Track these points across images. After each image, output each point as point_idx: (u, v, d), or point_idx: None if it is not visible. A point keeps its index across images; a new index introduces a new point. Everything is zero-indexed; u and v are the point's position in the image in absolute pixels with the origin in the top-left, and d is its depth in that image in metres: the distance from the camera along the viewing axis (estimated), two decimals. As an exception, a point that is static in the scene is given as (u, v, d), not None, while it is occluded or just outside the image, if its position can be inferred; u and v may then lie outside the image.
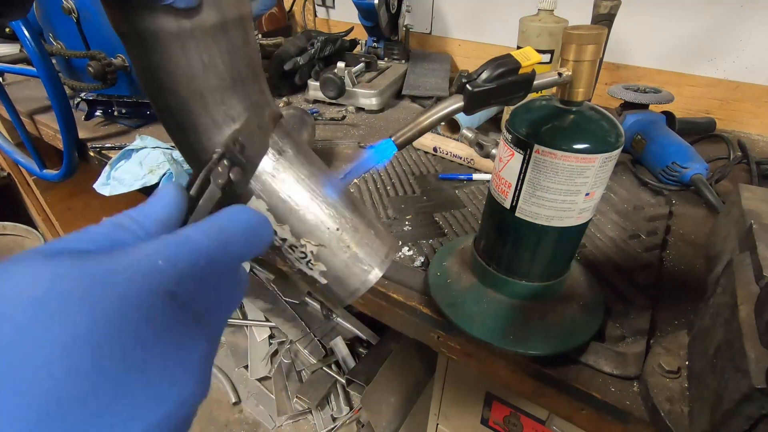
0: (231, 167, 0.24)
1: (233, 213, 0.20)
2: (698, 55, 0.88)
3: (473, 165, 0.73)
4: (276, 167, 0.26)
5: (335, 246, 0.27)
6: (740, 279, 0.34)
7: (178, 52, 0.22)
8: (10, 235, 1.19)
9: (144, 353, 0.14)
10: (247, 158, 0.25)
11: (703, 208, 0.63)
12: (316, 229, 0.27)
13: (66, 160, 0.79)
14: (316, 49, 0.99)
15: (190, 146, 0.26)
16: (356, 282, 0.28)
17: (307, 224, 0.27)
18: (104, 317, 0.13)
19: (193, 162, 0.27)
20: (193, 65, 0.23)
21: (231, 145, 0.24)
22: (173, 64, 0.23)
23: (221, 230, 0.18)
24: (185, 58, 0.23)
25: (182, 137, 0.26)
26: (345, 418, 1.25)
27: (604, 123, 0.35)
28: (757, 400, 0.26)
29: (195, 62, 0.23)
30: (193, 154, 0.26)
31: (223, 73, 0.24)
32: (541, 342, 0.40)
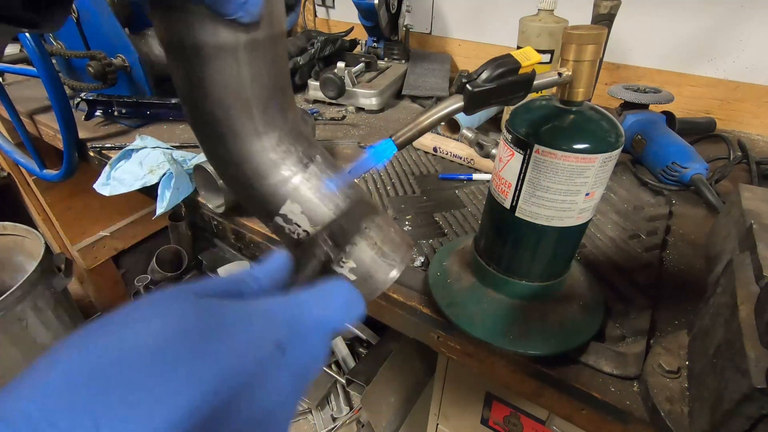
0: (330, 246, 0.26)
1: (336, 287, 0.23)
2: (698, 55, 0.88)
3: (473, 165, 0.73)
4: (306, 176, 0.27)
5: (364, 244, 0.28)
6: (740, 279, 0.34)
7: (231, 63, 0.23)
8: (10, 235, 1.19)
9: (249, 379, 0.17)
10: (344, 240, 0.27)
11: (703, 208, 0.63)
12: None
13: (66, 160, 0.79)
14: (316, 49, 0.99)
15: (228, 155, 0.27)
16: (382, 277, 0.29)
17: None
18: (233, 353, 0.17)
19: (224, 169, 0.28)
20: (242, 76, 0.24)
21: (334, 227, 0.27)
22: (225, 75, 0.24)
23: (327, 300, 0.22)
24: (237, 69, 0.24)
25: (221, 147, 0.26)
26: (345, 418, 1.25)
27: (604, 123, 0.35)
28: (757, 400, 0.26)
29: (245, 73, 0.24)
30: (230, 162, 0.27)
31: (267, 83, 0.25)
32: (541, 342, 0.40)
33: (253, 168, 0.26)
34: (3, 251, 1.20)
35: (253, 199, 0.28)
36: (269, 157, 0.26)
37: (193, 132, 0.27)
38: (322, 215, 0.27)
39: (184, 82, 0.25)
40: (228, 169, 0.28)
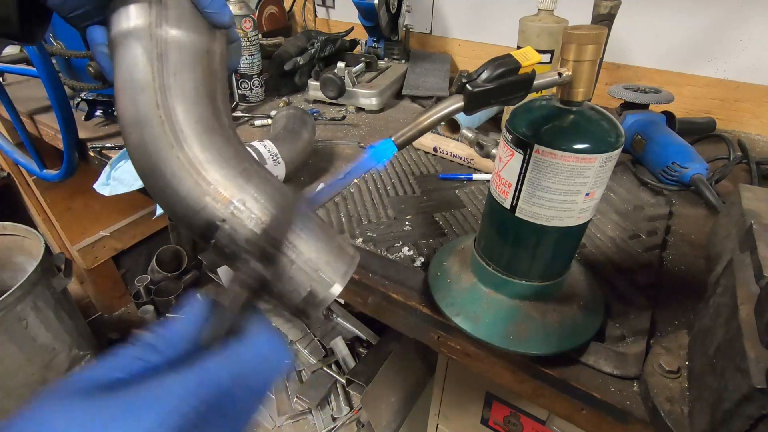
0: (261, 267, 0.25)
1: (254, 346, 0.22)
2: (698, 55, 0.88)
3: (473, 165, 0.73)
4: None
5: (295, 259, 0.27)
6: (740, 279, 0.34)
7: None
8: (10, 235, 1.19)
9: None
10: (272, 259, 0.25)
11: (703, 208, 0.63)
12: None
13: (66, 160, 0.79)
14: (316, 49, 0.99)
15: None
16: (321, 294, 0.28)
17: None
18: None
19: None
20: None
21: (260, 243, 0.25)
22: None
23: (240, 367, 0.21)
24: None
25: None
26: (345, 418, 1.25)
27: (604, 123, 0.35)
28: (757, 400, 0.26)
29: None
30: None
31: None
32: (541, 342, 0.40)
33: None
34: (3, 251, 1.20)
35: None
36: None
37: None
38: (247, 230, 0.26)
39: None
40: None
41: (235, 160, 0.28)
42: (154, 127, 0.26)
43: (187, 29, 0.27)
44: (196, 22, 0.27)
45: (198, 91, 0.27)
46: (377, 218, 0.60)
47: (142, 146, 0.26)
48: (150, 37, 0.26)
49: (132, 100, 0.26)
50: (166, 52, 0.26)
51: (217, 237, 0.27)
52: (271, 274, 0.25)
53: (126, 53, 0.26)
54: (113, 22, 0.26)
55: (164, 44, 0.26)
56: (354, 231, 0.57)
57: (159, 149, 0.26)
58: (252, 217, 0.26)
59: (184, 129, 0.26)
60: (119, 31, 0.26)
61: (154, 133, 0.26)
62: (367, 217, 0.60)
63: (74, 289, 1.50)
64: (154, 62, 0.26)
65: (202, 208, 0.26)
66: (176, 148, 0.26)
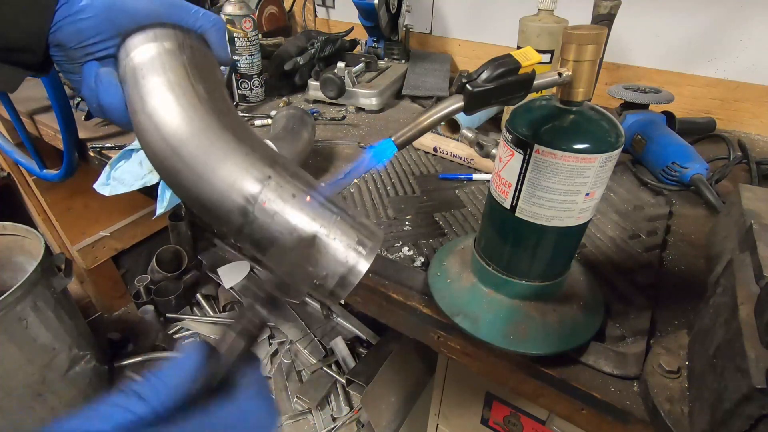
0: (265, 313, 0.25)
1: (243, 408, 0.21)
2: (698, 55, 0.88)
3: (473, 165, 0.73)
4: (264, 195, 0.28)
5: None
6: (740, 279, 0.34)
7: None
8: (10, 235, 1.19)
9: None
10: (286, 297, 0.26)
11: (703, 208, 0.63)
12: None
13: (66, 160, 0.79)
14: (316, 49, 0.99)
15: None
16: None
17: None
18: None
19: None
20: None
21: (272, 288, 0.25)
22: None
23: (224, 429, 0.20)
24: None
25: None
26: (345, 418, 1.25)
27: (604, 123, 0.35)
28: (757, 400, 0.26)
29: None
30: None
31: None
32: (541, 342, 0.40)
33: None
34: (3, 251, 1.20)
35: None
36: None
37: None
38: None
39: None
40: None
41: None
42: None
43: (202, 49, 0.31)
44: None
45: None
46: (377, 218, 0.60)
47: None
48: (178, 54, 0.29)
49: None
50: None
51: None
52: (274, 318, 0.25)
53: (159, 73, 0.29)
54: (134, 51, 0.28)
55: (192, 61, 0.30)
56: (354, 231, 0.57)
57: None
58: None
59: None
60: (148, 57, 0.28)
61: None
62: (367, 217, 0.60)
63: (74, 289, 1.50)
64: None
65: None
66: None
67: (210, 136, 0.28)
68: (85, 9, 0.27)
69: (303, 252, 0.28)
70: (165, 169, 0.28)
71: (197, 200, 0.28)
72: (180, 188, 0.28)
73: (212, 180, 0.27)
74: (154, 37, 0.29)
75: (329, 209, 0.29)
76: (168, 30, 0.30)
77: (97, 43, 0.28)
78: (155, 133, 0.27)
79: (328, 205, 0.29)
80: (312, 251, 0.28)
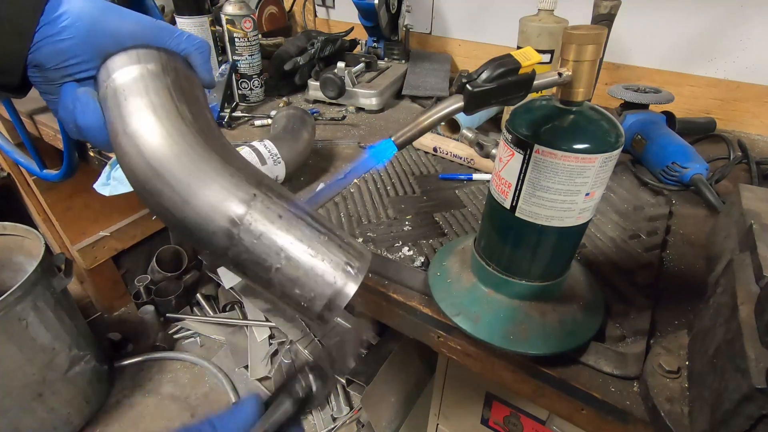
0: (313, 380, 0.27)
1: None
2: (698, 55, 0.88)
3: (473, 165, 0.73)
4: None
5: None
6: (740, 279, 0.34)
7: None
8: (10, 235, 1.19)
9: None
10: (333, 371, 0.27)
11: (703, 208, 0.63)
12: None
13: (66, 160, 0.79)
14: (316, 49, 0.99)
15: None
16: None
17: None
18: None
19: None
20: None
21: (321, 359, 0.27)
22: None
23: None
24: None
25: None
26: (345, 418, 1.25)
27: (604, 123, 0.35)
28: (757, 400, 0.26)
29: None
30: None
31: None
32: (541, 342, 0.40)
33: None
34: (3, 251, 1.20)
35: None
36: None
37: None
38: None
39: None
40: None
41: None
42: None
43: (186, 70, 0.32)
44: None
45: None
46: (377, 218, 0.60)
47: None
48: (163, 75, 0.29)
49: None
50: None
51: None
52: (319, 389, 0.27)
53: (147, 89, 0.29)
54: (117, 72, 0.28)
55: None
56: (354, 231, 0.57)
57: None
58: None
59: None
60: (131, 78, 0.28)
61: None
62: (367, 217, 0.60)
63: (74, 289, 1.50)
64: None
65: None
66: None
67: (194, 157, 0.27)
68: (66, 29, 0.26)
69: (288, 274, 0.27)
70: (146, 192, 0.27)
71: (180, 223, 0.27)
72: (162, 211, 0.28)
73: (196, 201, 0.26)
74: (137, 58, 0.28)
75: (317, 229, 0.29)
76: (152, 51, 0.29)
77: (77, 64, 0.27)
78: (136, 155, 0.27)
79: (316, 225, 0.29)
80: (298, 273, 0.27)
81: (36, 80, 0.28)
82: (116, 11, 0.28)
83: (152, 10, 0.77)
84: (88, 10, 0.27)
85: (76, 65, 0.27)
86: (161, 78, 0.29)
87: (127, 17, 0.29)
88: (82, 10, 0.27)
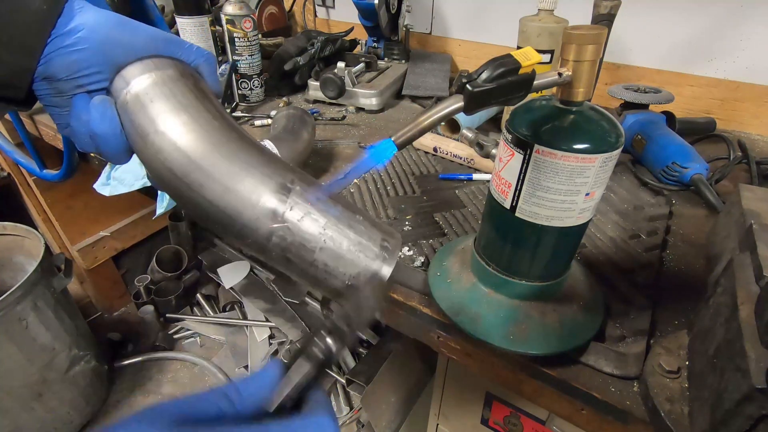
0: (331, 342, 0.27)
1: (309, 426, 0.25)
2: (698, 55, 0.88)
3: (473, 165, 0.73)
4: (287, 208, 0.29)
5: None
6: (740, 279, 0.34)
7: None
8: (10, 235, 1.19)
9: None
10: (350, 330, 0.28)
11: (703, 208, 0.63)
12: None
13: (66, 160, 0.79)
14: (316, 49, 0.99)
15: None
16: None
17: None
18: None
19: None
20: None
21: (339, 320, 0.27)
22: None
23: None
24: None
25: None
26: (345, 418, 1.25)
27: (604, 123, 0.35)
28: (757, 400, 0.26)
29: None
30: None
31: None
32: (541, 342, 0.40)
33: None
34: (3, 251, 1.20)
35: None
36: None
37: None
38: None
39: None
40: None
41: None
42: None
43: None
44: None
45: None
46: (377, 218, 0.60)
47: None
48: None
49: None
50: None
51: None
52: (341, 348, 0.27)
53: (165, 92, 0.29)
54: (135, 79, 0.28)
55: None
56: (354, 231, 0.57)
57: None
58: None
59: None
60: (148, 84, 0.28)
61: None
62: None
63: (74, 289, 1.50)
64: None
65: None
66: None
67: (232, 148, 0.28)
68: (79, 41, 0.26)
69: (333, 251, 0.29)
70: (186, 186, 0.28)
71: (222, 212, 0.28)
72: (202, 203, 0.28)
73: (239, 188, 0.27)
74: (154, 66, 0.29)
75: (351, 210, 0.30)
76: (166, 60, 0.30)
77: (90, 74, 0.27)
78: (173, 151, 0.27)
79: (348, 207, 0.30)
80: (342, 251, 0.29)
81: (44, 93, 0.28)
82: (130, 24, 0.29)
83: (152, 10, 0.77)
84: (103, 22, 0.27)
85: (89, 76, 0.27)
86: (183, 81, 0.29)
87: (140, 30, 0.29)
88: (97, 22, 0.27)
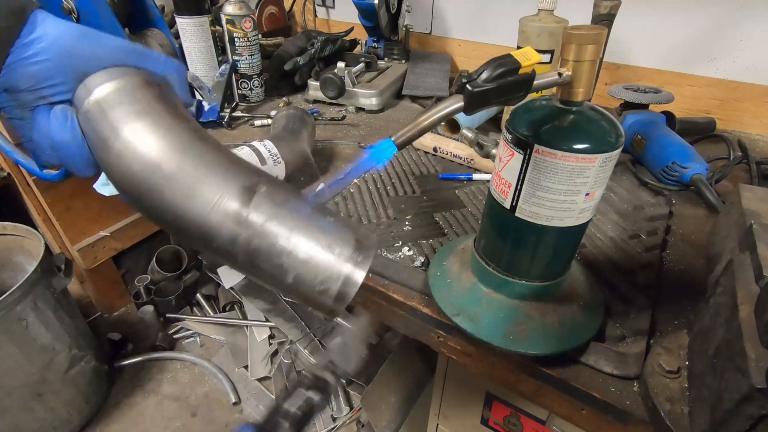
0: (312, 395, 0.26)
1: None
2: (698, 55, 0.88)
3: (473, 165, 0.73)
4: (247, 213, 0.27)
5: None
6: (740, 279, 0.34)
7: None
8: (10, 235, 1.19)
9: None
10: (335, 377, 0.27)
11: (703, 208, 0.63)
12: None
13: (66, 160, 0.79)
14: (316, 49, 0.99)
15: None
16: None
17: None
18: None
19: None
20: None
21: (320, 370, 0.26)
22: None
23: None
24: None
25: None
26: (345, 418, 1.25)
27: (604, 123, 0.35)
28: (757, 400, 0.26)
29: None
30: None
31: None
32: (541, 342, 0.40)
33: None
34: (3, 251, 1.20)
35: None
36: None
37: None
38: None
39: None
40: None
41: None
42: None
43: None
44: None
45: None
46: (377, 218, 0.60)
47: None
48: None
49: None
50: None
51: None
52: (319, 401, 0.26)
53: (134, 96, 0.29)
54: (98, 87, 0.28)
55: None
56: (354, 231, 0.57)
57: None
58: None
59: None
60: (112, 90, 0.28)
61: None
62: (367, 217, 0.60)
63: (74, 289, 1.50)
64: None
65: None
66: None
67: (194, 150, 0.27)
68: (40, 52, 0.26)
69: (302, 256, 0.27)
70: (146, 191, 0.27)
71: (184, 217, 0.27)
72: (163, 208, 0.27)
73: (202, 191, 0.26)
74: (118, 73, 0.28)
75: (321, 213, 0.28)
76: (132, 69, 0.29)
77: (53, 86, 0.27)
78: (133, 157, 0.26)
79: (319, 210, 0.29)
80: (311, 254, 0.27)
81: (6, 105, 0.27)
82: (94, 36, 0.28)
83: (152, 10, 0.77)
84: (64, 34, 0.27)
85: (51, 87, 0.27)
86: (147, 89, 0.29)
87: (105, 41, 0.28)
88: (59, 34, 0.26)
